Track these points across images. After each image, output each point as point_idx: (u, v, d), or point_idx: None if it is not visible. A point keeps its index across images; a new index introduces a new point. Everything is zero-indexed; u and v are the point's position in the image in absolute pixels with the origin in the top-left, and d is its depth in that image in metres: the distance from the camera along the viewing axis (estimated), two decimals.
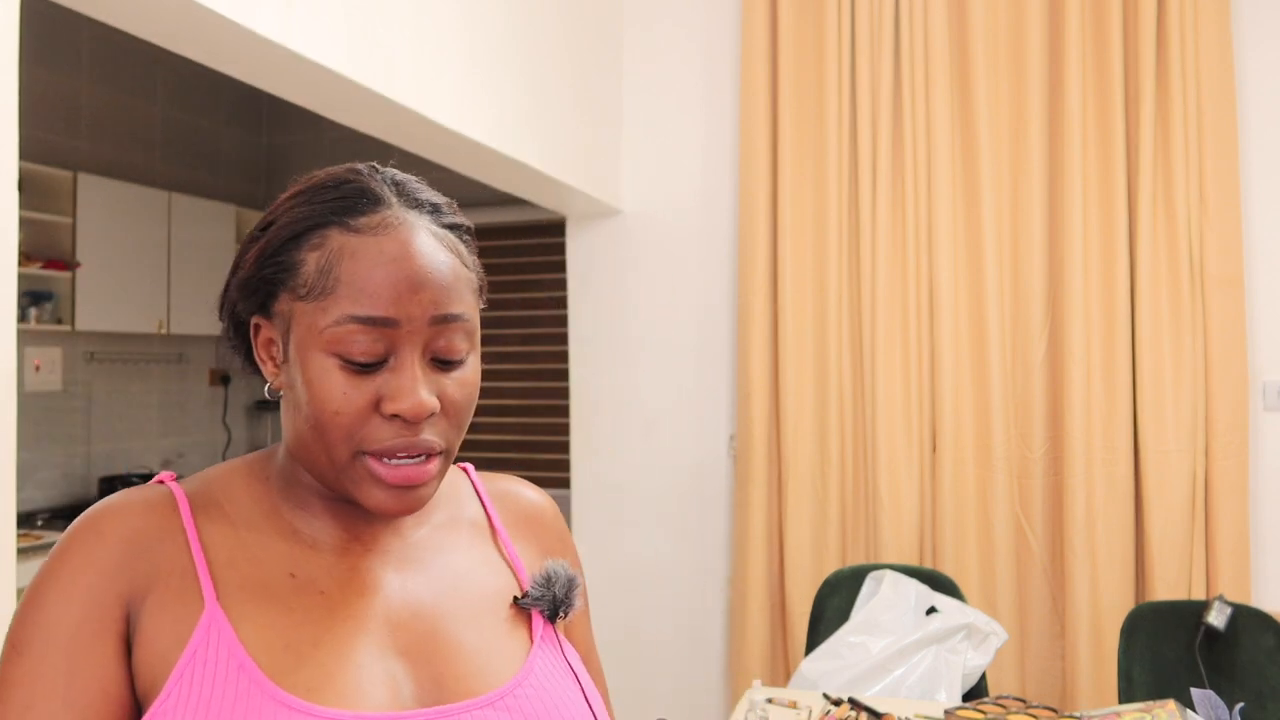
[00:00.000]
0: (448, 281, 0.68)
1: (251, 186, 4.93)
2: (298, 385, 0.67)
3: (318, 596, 0.68)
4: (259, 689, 0.62)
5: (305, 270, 0.67)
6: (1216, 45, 2.83)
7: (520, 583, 0.78)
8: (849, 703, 2.02)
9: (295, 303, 0.67)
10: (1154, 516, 2.82)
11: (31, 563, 3.14)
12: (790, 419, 3.12)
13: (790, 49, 3.17)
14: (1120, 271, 2.88)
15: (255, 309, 0.71)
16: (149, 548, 0.66)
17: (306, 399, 0.66)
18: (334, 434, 0.66)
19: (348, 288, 0.65)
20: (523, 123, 2.68)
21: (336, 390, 0.65)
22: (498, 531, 0.81)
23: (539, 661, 0.73)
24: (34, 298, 3.63)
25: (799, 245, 3.14)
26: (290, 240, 0.68)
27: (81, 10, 1.64)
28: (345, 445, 0.66)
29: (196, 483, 0.72)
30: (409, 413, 0.65)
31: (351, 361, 0.65)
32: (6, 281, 1.36)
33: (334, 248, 0.67)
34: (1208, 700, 1.59)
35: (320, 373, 0.66)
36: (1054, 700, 2.91)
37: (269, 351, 0.71)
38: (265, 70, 1.96)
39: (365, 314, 0.65)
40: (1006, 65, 3.01)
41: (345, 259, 0.66)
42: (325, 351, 0.66)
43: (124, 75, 4.15)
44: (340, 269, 0.66)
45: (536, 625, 0.76)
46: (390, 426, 0.66)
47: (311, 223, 0.68)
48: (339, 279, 0.65)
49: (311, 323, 0.66)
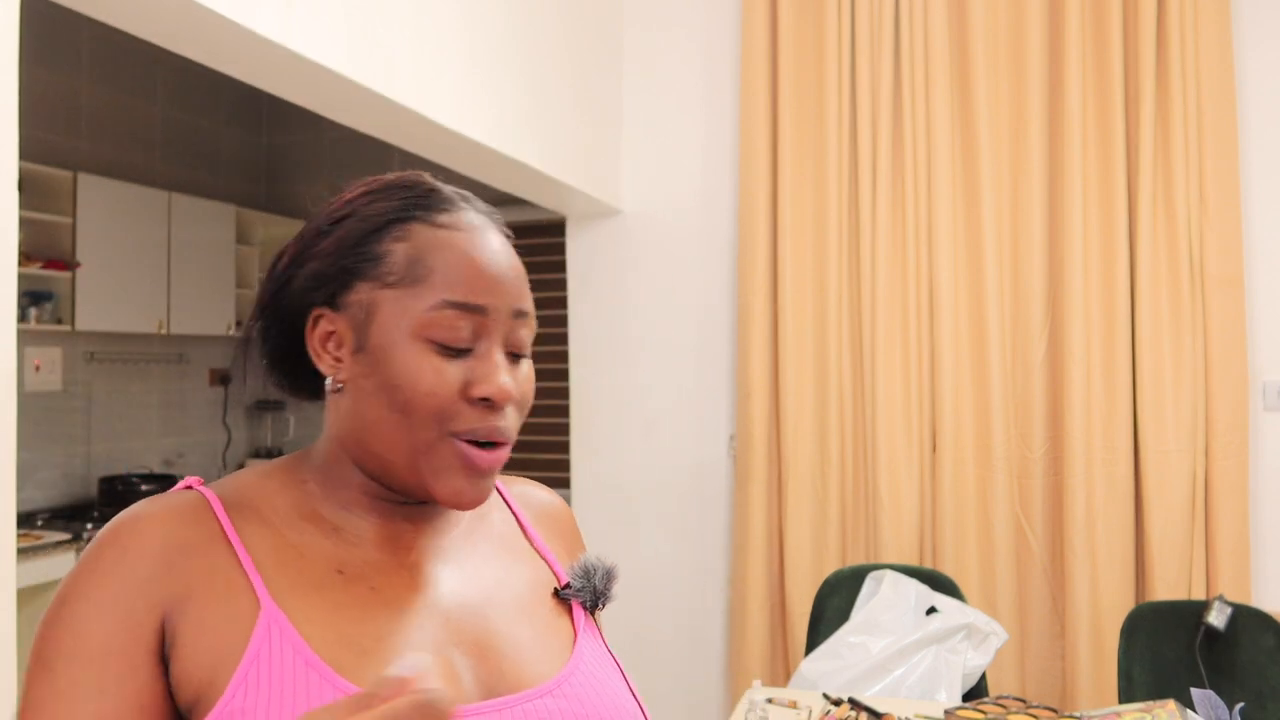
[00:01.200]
0: (522, 279, 0.73)
1: (251, 186, 4.93)
2: (382, 372, 0.68)
3: (369, 592, 0.69)
4: (330, 685, 0.62)
5: (392, 260, 0.69)
6: (1216, 45, 2.83)
7: (556, 576, 0.80)
8: (849, 703, 2.02)
9: (380, 291, 0.69)
10: (1154, 516, 2.82)
11: (31, 563, 3.14)
12: (790, 419, 3.12)
13: (790, 49, 3.17)
14: (1120, 271, 2.88)
15: (323, 300, 0.71)
16: (183, 555, 0.65)
17: (395, 382, 0.67)
18: (424, 415, 0.67)
19: (442, 276, 0.68)
20: (523, 123, 2.68)
21: (430, 371, 0.67)
22: (526, 529, 0.83)
23: (585, 651, 0.75)
24: (34, 298, 3.63)
25: (799, 245, 3.14)
26: (373, 232, 0.70)
27: (81, 10, 1.64)
28: (434, 427, 0.67)
29: (226, 487, 0.72)
30: (497, 396, 0.68)
31: (445, 346, 0.68)
32: (6, 281, 1.36)
33: (421, 240, 0.70)
34: (1208, 700, 1.59)
35: (413, 356, 0.67)
36: (1054, 700, 2.91)
37: (326, 345, 0.71)
38: (265, 70, 1.96)
39: (461, 300, 0.68)
40: (1006, 65, 3.01)
41: (435, 250, 0.69)
42: (418, 336, 0.67)
43: (124, 75, 4.15)
44: (432, 259, 0.69)
45: (577, 617, 0.77)
46: (476, 411, 0.68)
47: (393, 217, 0.71)
48: (432, 268, 0.68)
49: (403, 308, 0.68)
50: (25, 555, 3.10)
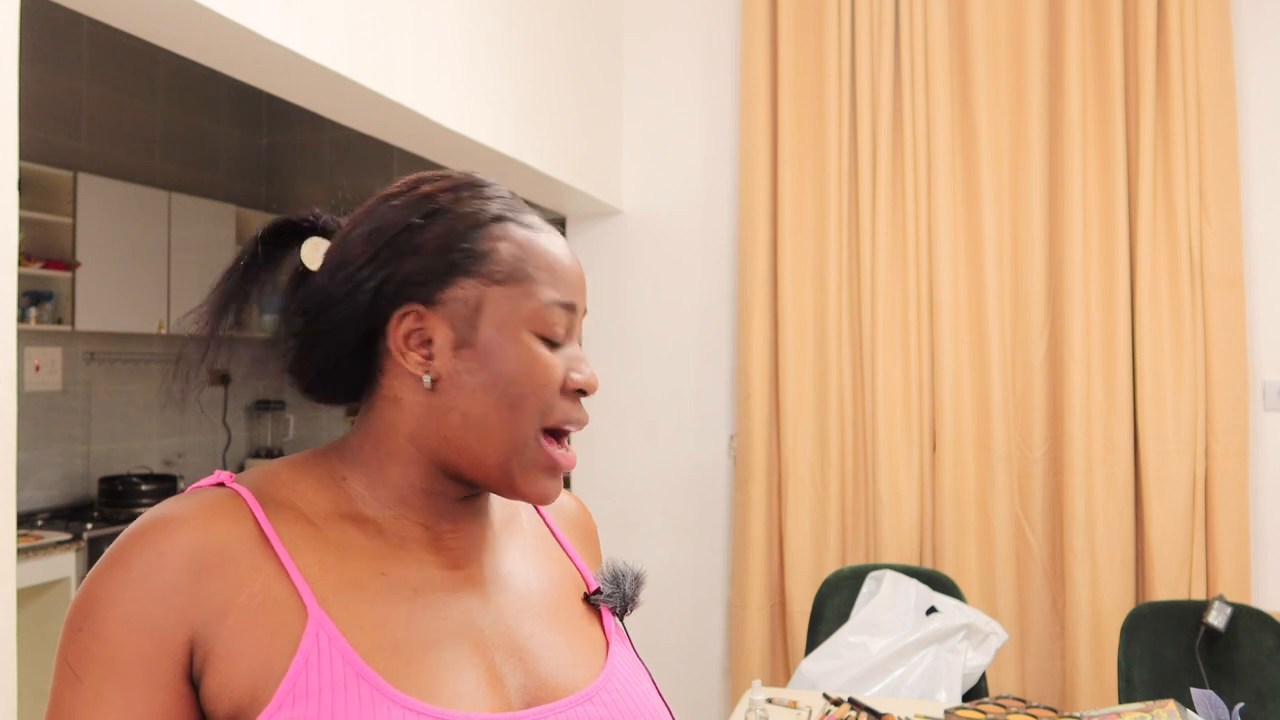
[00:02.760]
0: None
1: (251, 186, 4.93)
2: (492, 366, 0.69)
3: (413, 594, 0.68)
4: (382, 695, 0.61)
5: (498, 257, 0.71)
6: (1216, 45, 2.83)
7: (585, 581, 0.81)
8: (849, 703, 2.01)
9: (489, 287, 0.70)
10: (1154, 516, 2.82)
11: (31, 563, 3.14)
12: (790, 419, 3.12)
13: (790, 49, 3.17)
14: (1120, 272, 2.88)
15: (422, 297, 0.69)
16: (220, 562, 0.63)
17: (511, 376, 0.69)
18: (534, 407, 0.69)
19: (547, 274, 0.71)
20: (523, 123, 2.68)
21: (545, 364, 0.70)
22: (554, 531, 0.84)
23: (618, 657, 0.75)
24: (34, 298, 3.63)
25: (799, 245, 3.14)
26: (474, 229, 0.71)
27: (81, 10, 1.64)
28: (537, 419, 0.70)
29: (258, 483, 0.69)
30: (590, 384, 0.72)
31: (551, 340, 0.71)
32: (6, 281, 1.36)
33: (520, 240, 0.72)
34: (1208, 700, 1.59)
35: (527, 349, 0.70)
36: (1054, 700, 2.91)
37: (409, 343, 0.70)
38: (265, 70, 1.96)
39: (565, 299, 0.72)
40: (1006, 65, 3.01)
41: (534, 251, 0.72)
42: (529, 330, 0.70)
43: (124, 75, 4.15)
44: (534, 259, 0.71)
45: (608, 622, 0.78)
46: (569, 401, 0.72)
47: (490, 215, 0.73)
48: (537, 267, 0.71)
49: (515, 305, 0.70)
50: (25, 555, 3.09)
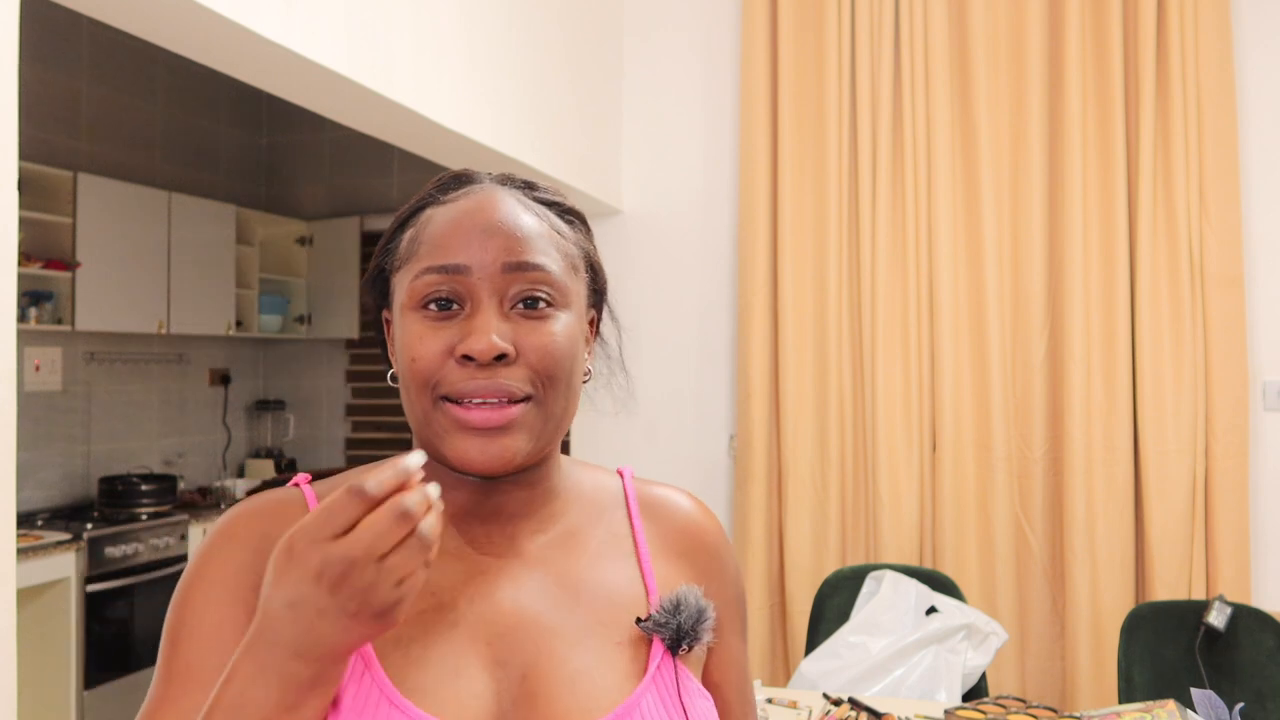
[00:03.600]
0: (523, 233, 0.70)
1: (251, 186, 4.93)
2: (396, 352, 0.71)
3: (430, 599, 0.68)
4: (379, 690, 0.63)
5: (400, 247, 0.73)
6: (1216, 45, 2.83)
7: (651, 603, 0.73)
8: (849, 703, 2.01)
9: (394, 277, 0.72)
10: (1154, 516, 2.82)
11: (31, 563, 3.14)
12: (790, 419, 3.12)
13: (790, 49, 3.17)
14: (1120, 272, 2.88)
15: (382, 302, 0.75)
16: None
17: (399, 357, 0.70)
18: (415, 383, 0.68)
19: (428, 246, 0.70)
20: (523, 123, 2.68)
21: (415, 338, 0.68)
22: (639, 546, 0.77)
23: (647, 697, 0.68)
24: (34, 298, 3.63)
25: (799, 245, 3.14)
26: (396, 229, 0.74)
27: (81, 10, 1.64)
28: (426, 393, 0.68)
29: (328, 485, 0.74)
30: (477, 352, 0.66)
31: (428, 308, 0.68)
32: (6, 281, 1.36)
33: (423, 221, 0.72)
34: (1208, 700, 1.59)
35: (405, 327, 0.69)
36: (1054, 700, 2.91)
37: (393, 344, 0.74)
38: (265, 70, 1.96)
39: (438, 263, 0.68)
40: (1006, 65, 3.01)
41: (430, 225, 0.71)
42: (409, 308, 0.69)
43: (124, 75, 4.15)
44: (425, 234, 0.71)
45: (655, 654, 0.71)
46: (463, 370, 0.67)
47: (412, 209, 0.74)
48: (423, 241, 0.70)
49: (402, 287, 0.71)
50: (25, 555, 3.09)
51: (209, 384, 4.65)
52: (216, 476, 4.55)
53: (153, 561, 3.61)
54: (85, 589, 3.34)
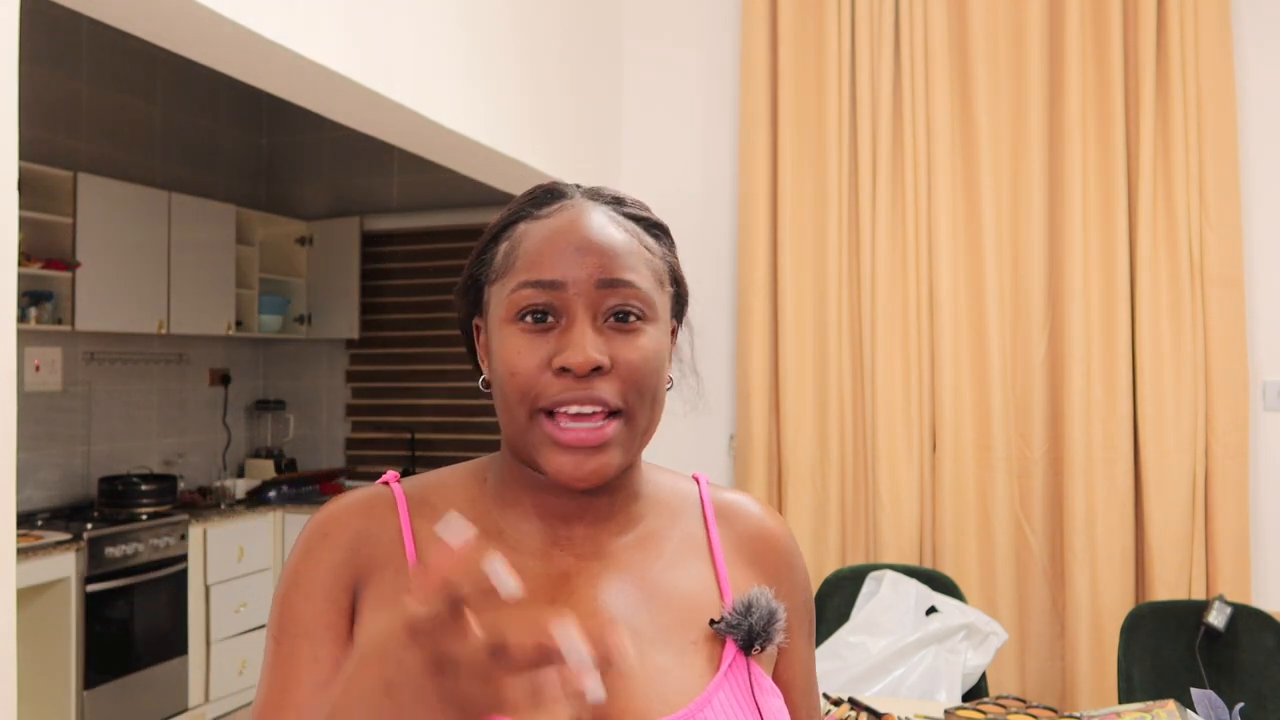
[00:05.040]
0: (616, 250, 0.72)
1: (251, 186, 4.93)
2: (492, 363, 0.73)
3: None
4: None
5: (495, 259, 0.75)
6: (1216, 45, 2.83)
7: (724, 605, 0.76)
8: (849, 703, 2.01)
9: (489, 288, 0.75)
10: (1154, 516, 2.82)
11: (31, 563, 3.14)
12: (790, 419, 3.12)
13: (790, 49, 3.17)
14: (1120, 272, 2.88)
15: (473, 310, 0.77)
16: (368, 544, 0.72)
17: (496, 368, 0.72)
18: (513, 395, 0.70)
19: (524, 260, 0.72)
20: (523, 123, 2.68)
21: (513, 351, 0.70)
22: (714, 549, 0.79)
23: (720, 694, 0.71)
24: (34, 298, 3.63)
25: (799, 245, 3.14)
26: (490, 241, 0.77)
27: (81, 10, 1.64)
28: (523, 405, 0.70)
29: (417, 483, 0.77)
30: (575, 364, 0.68)
31: (525, 321, 0.70)
32: (6, 281, 1.36)
33: (518, 235, 0.74)
34: (1208, 700, 1.60)
35: (503, 340, 0.71)
36: (1054, 700, 2.91)
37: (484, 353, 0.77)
38: (265, 70, 1.96)
39: (535, 278, 0.70)
40: (1006, 65, 3.01)
41: (525, 239, 0.73)
42: (507, 320, 0.71)
43: (124, 75, 4.15)
44: (520, 248, 0.73)
45: (728, 654, 0.73)
46: (560, 382, 0.69)
47: (505, 222, 0.76)
48: (519, 255, 0.73)
49: (498, 299, 0.73)
50: (25, 555, 3.09)
51: (209, 384, 4.65)
52: (216, 476, 4.55)
53: (153, 561, 3.61)
54: (85, 589, 3.34)
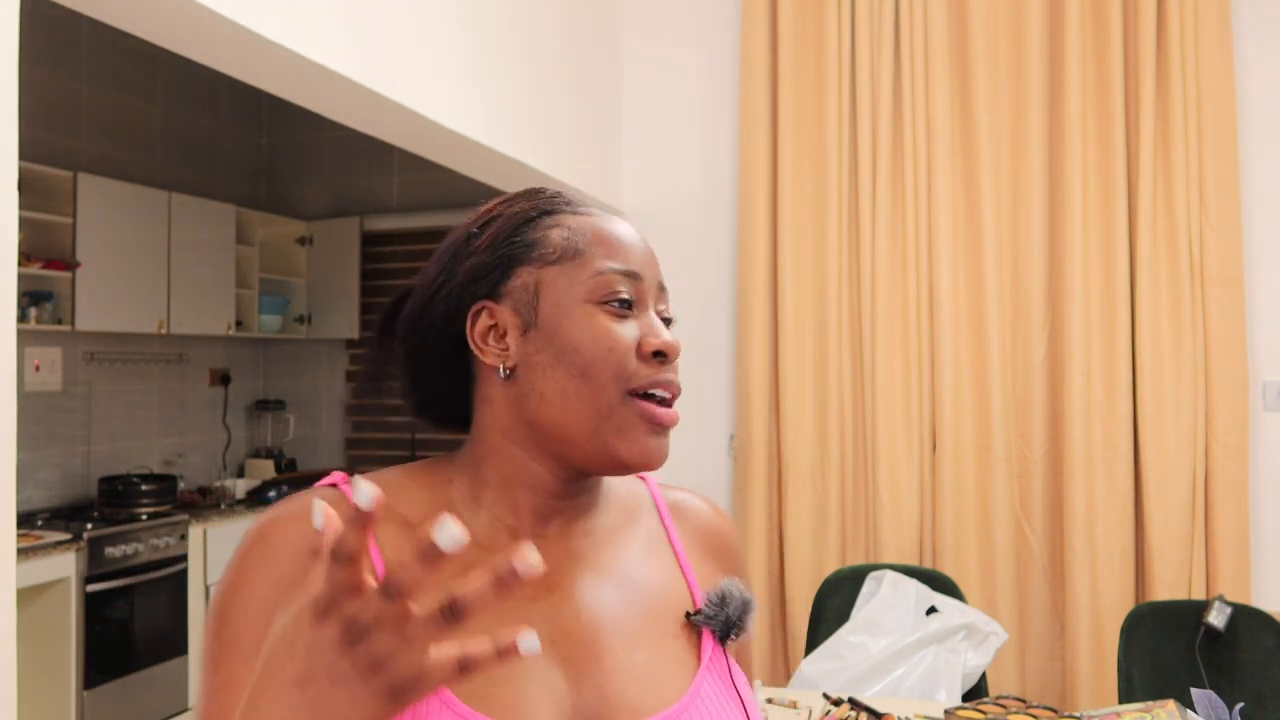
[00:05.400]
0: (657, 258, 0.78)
1: (251, 186, 4.93)
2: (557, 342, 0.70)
3: None
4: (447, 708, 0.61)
5: (550, 242, 0.73)
6: (1216, 45, 2.83)
7: (694, 598, 0.76)
8: (849, 703, 2.01)
9: (544, 269, 0.72)
10: (1154, 516, 2.82)
11: (31, 563, 3.14)
12: (790, 419, 3.12)
13: (790, 49, 3.17)
14: (1120, 272, 2.88)
15: (485, 293, 0.73)
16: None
17: (575, 347, 0.70)
18: (607, 374, 0.69)
19: (600, 247, 0.73)
20: (523, 123, 2.68)
21: (604, 329, 0.70)
22: (675, 544, 0.79)
23: (706, 685, 0.71)
24: (34, 298, 3.63)
25: (799, 245, 3.14)
26: (525, 223, 0.74)
27: (81, 10, 1.64)
28: (616, 385, 0.69)
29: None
30: (668, 348, 0.71)
31: (613, 308, 0.71)
32: (6, 281, 1.36)
33: (571, 224, 0.74)
34: (1208, 700, 1.60)
35: (587, 319, 0.70)
36: (1054, 700, 2.91)
37: (487, 339, 0.73)
38: (265, 70, 1.96)
39: (621, 266, 0.72)
40: (1006, 66, 3.01)
41: (587, 230, 0.74)
42: (588, 301, 0.71)
43: (124, 75, 4.15)
44: (586, 236, 0.73)
45: (706, 646, 0.74)
46: (651, 366, 0.70)
47: (541, 210, 0.75)
48: (589, 242, 0.73)
49: (571, 280, 0.71)
50: (25, 555, 3.09)
51: (209, 384, 4.65)
52: (216, 476, 4.55)
53: (153, 561, 3.61)
54: (85, 589, 3.34)
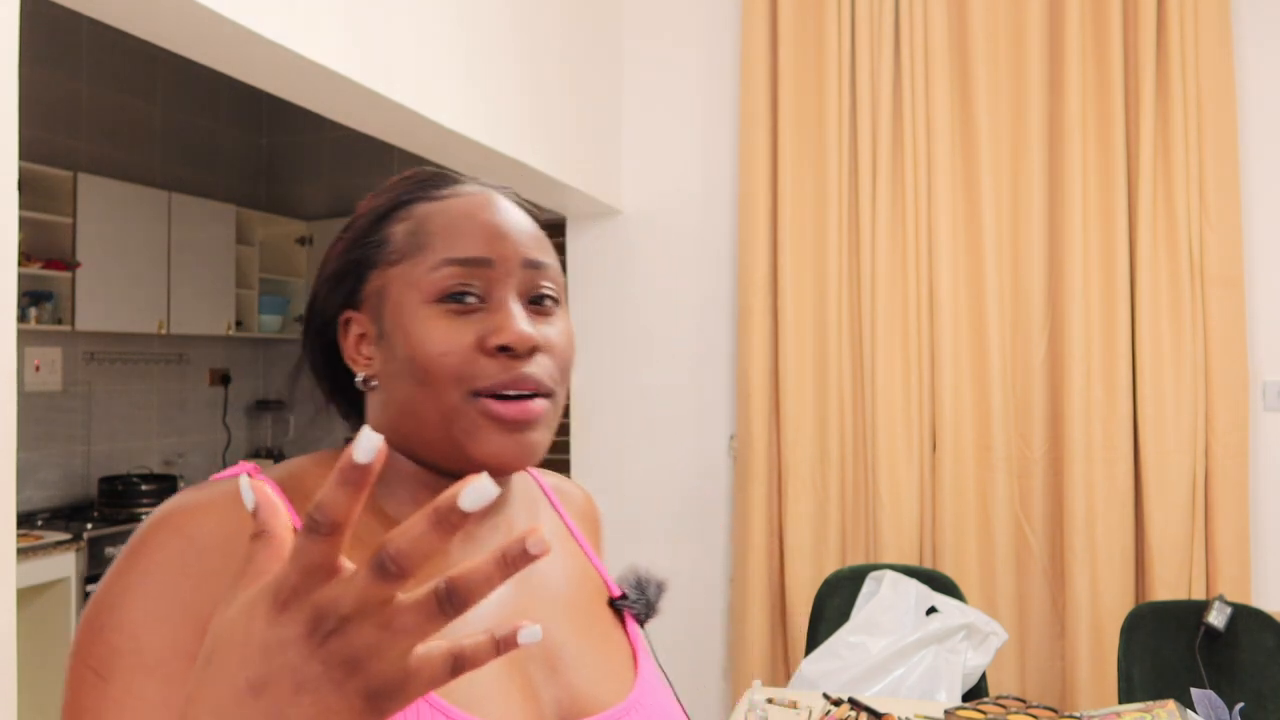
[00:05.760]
0: (533, 232, 0.70)
1: (251, 186, 4.93)
2: (399, 350, 0.66)
3: None
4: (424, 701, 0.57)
5: (395, 240, 0.68)
6: (1216, 45, 2.83)
7: (606, 584, 0.76)
8: (849, 703, 2.01)
9: (388, 270, 0.67)
10: (1154, 516, 2.82)
11: (31, 563, 3.14)
12: (790, 419, 3.12)
13: (790, 49, 3.17)
14: (1120, 272, 2.88)
15: (345, 300, 0.70)
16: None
17: (412, 353, 0.65)
18: (443, 377, 0.64)
19: (440, 238, 0.67)
20: (522, 123, 2.68)
21: (440, 332, 0.64)
22: (573, 530, 0.79)
23: (645, 669, 0.72)
24: (34, 298, 3.63)
25: (799, 245, 3.14)
26: (376, 222, 0.70)
27: (81, 10, 1.64)
28: (456, 388, 0.64)
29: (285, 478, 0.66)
30: (515, 342, 0.64)
31: (453, 301, 0.65)
32: (6, 281, 1.36)
33: (421, 215, 0.68)
34: (1208, 700, 1.60)
35: (423, 321, 0.65)
36: (1054, 700, 2.91)
37: (359, 348, 0.69)
38: (265, 70, 1.96)
39: (461, 255, 0.66)
40: (1006, 65, 3.01)
41: (434, 218, 0.68)
42: (426, 301, 0.65)
43: (124, 75, 4.15)
44: (430, 226, 0.67)
45: (631, 630, 0.74)
46: (497, 362, 0.65)
47: (395, 203, 0.70)
48: (431, 234, 0.67)
49: (408, 280, 0.66)
50: (25, 555, 3.09)
51: (209, 384, 4.65)
52: None
53: None
54: (85, 589, 3.34)
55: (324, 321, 0.71)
